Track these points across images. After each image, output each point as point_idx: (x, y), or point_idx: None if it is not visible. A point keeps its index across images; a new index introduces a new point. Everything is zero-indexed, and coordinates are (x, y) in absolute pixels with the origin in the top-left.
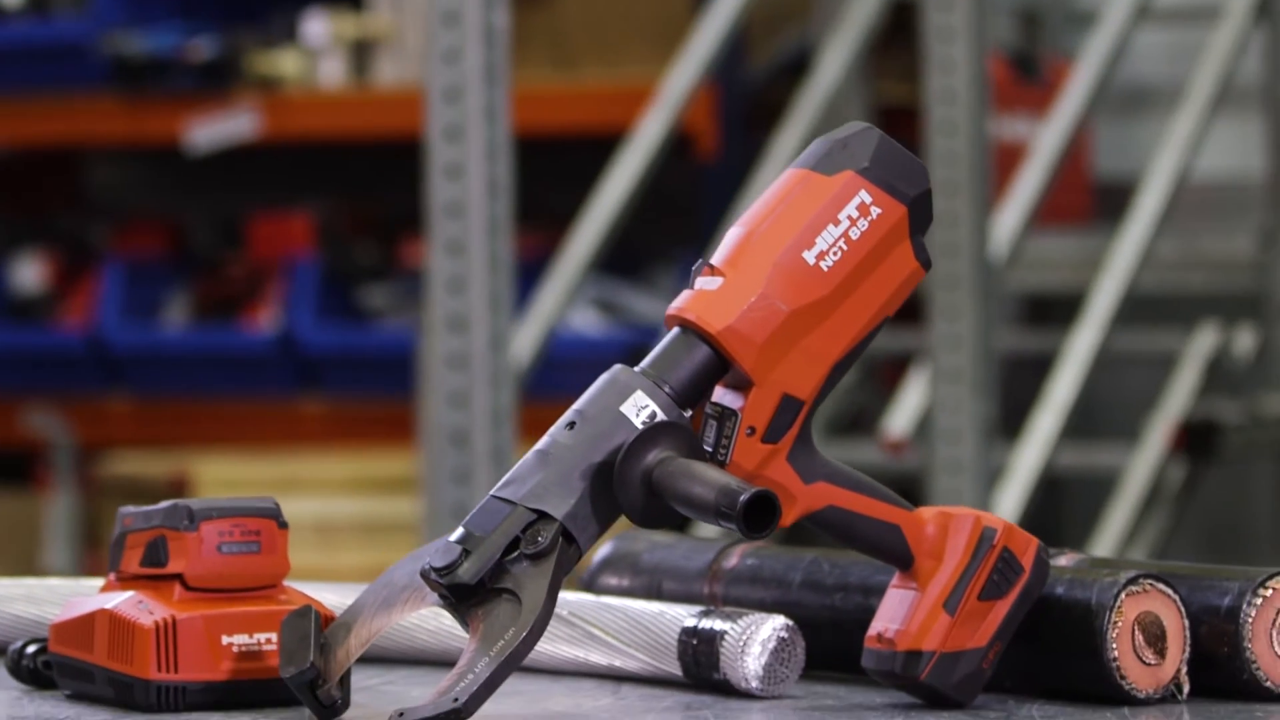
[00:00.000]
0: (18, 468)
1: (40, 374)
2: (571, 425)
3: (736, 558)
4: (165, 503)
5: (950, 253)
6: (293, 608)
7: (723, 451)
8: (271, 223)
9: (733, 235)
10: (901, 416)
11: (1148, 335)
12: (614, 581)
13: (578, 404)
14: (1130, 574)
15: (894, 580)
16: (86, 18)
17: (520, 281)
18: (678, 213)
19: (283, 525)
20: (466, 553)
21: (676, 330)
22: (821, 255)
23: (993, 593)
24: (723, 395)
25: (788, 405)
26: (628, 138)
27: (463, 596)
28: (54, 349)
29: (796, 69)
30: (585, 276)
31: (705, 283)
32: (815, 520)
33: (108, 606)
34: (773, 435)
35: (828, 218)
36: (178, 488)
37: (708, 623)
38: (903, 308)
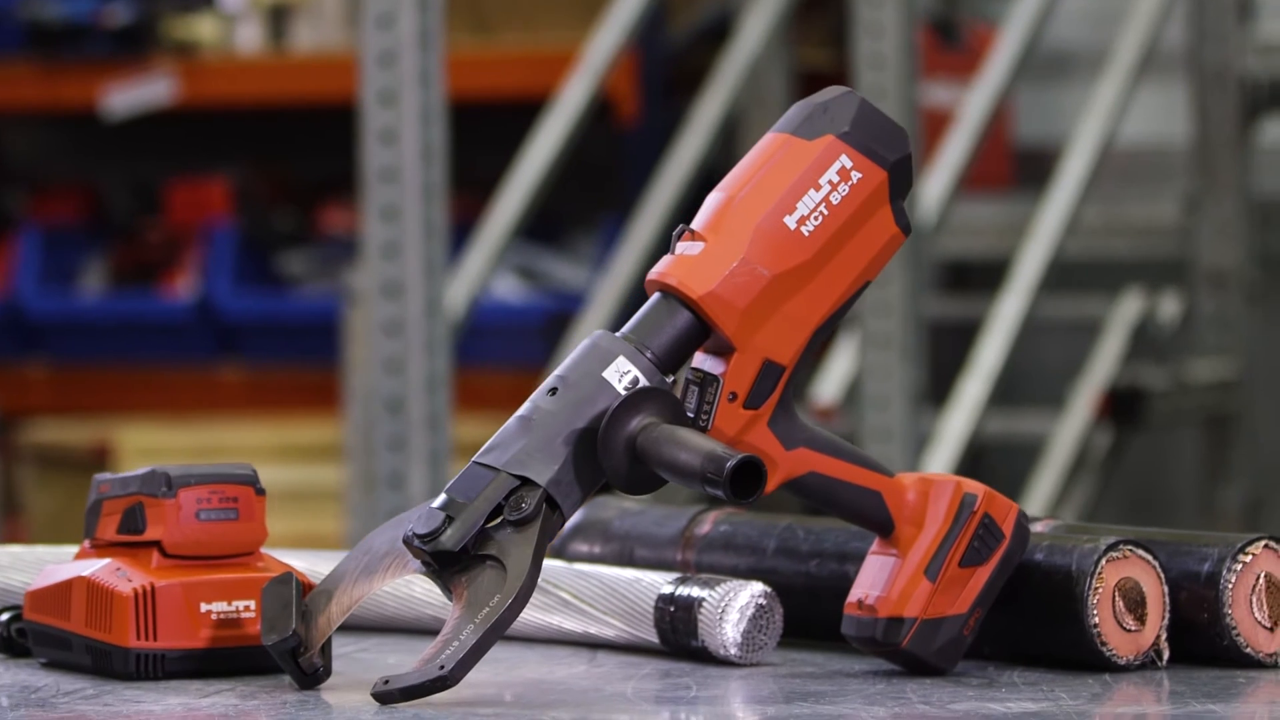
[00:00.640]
0: None
1: None
2: (553, 391)
3: (709, 524)
4: (143, 469)
5: None
6: (271, 575)
7: (704, 417)
8: (189, 189)
9: (713, 200)
10: (830, 383)
11: (1072, 302)
12: (584, 548)
13: (559, 369)
14: (1110, 540)
15: (873, 547)
16: None
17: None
18: (598, 179)
19: (260, 492)
20: (449, 519)
21: (657, 295)
22: (803, 220)
23: (974, 559)
24: (703, 361)
25: (769, 371)
26: (548, 104)
27: (446, 563)
28: None
29: (717, 34)
30: (509, 243)
31: (686, 248)
32: (796, 486)
33: (85, 574)
34: (754, 401)
35: (808, 182)
36: (99, 456)
37: (685, 590)
38: None
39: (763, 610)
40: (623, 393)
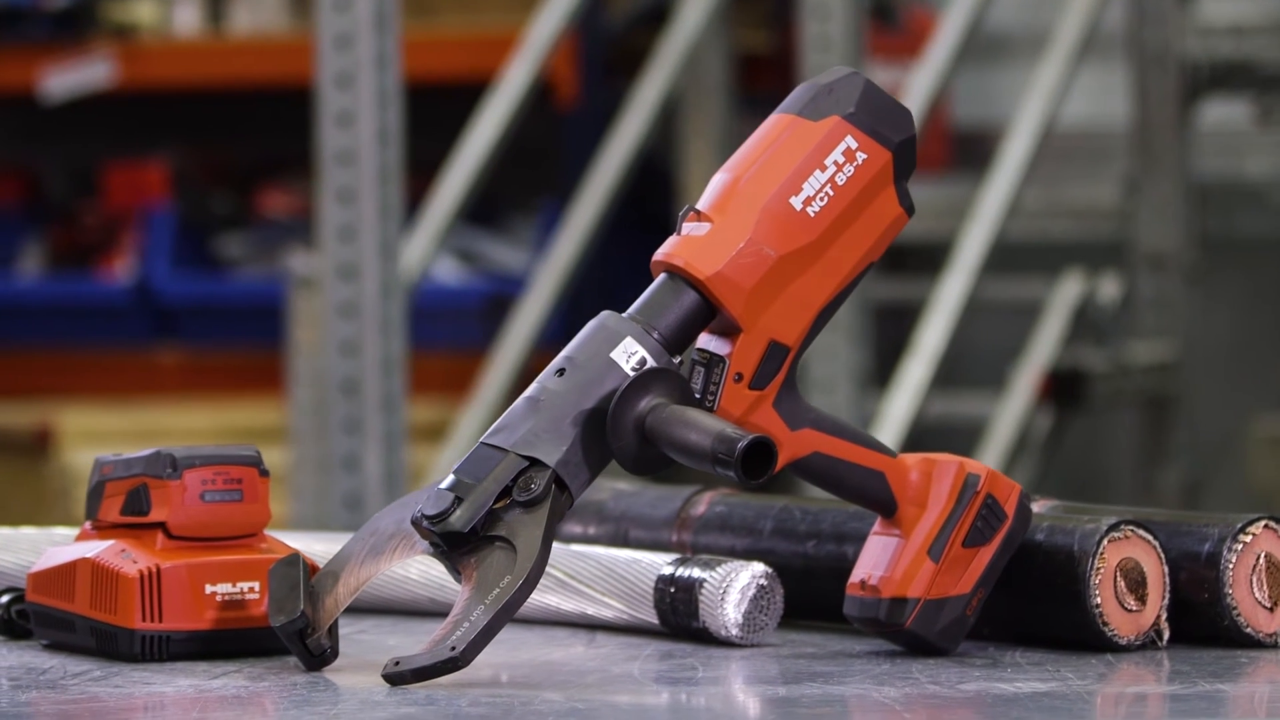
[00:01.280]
0: None
1: None
2: (561, 372)
3: (704, 505)
4: (147, 450)
5: None
6: (275, 557)
7: (710, 398)
8: (127, 172)
9: (718, 181)
10: None
11: (1012, 284)
12: (579, 529)
13: (566, 350)
14: (1112, 520)
15: (876, 527)
16: None
17: None
18: (536, 162)
19: (264, 473)
20: (458, 500)
21: (663, 276)
22: (808, 201)
23: (976, 539)
24: (709, 341)
25: (774, 351)
26: (488, 87)
27: (455, 544)
28: None
29: (655, 17)
30: (452, 225)
31: (692, 228)
32: (800, 467)
33: (89, 555)
34: (760, 381)
35: (814, 163)
36: (40, 439)
37: (685, 571)
38: None
39: (764, 591)
40: (630, 373)
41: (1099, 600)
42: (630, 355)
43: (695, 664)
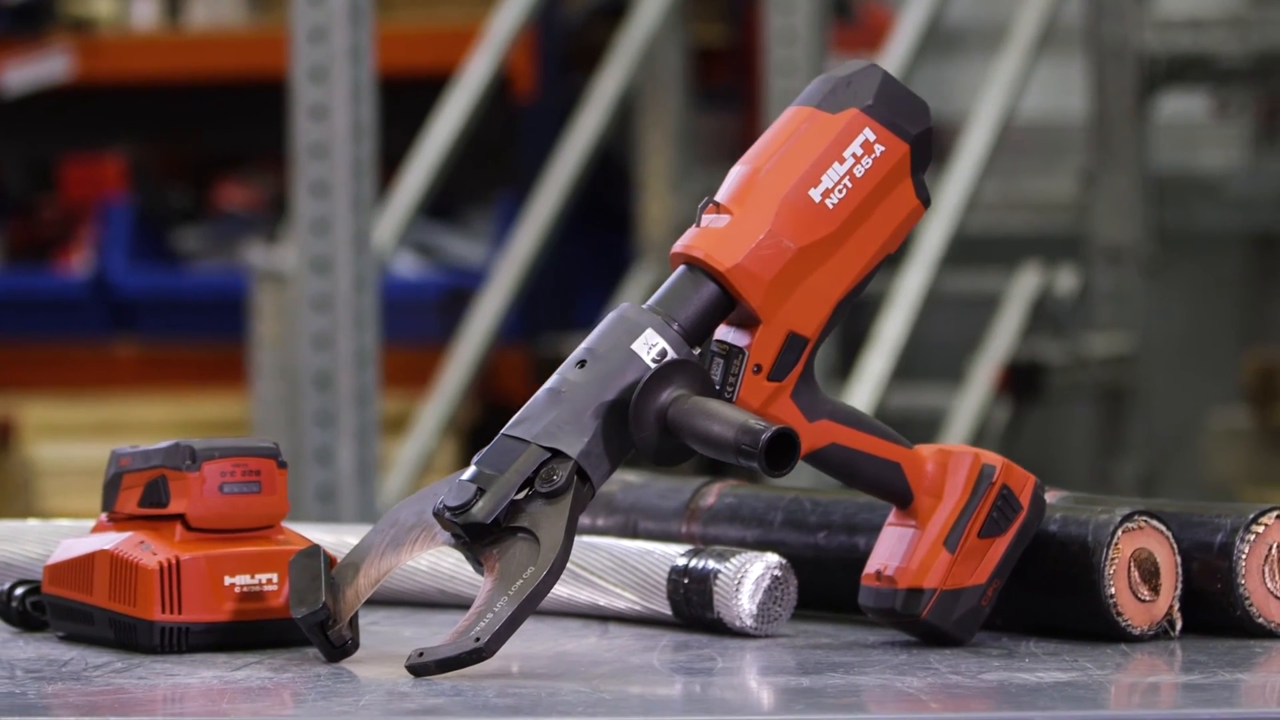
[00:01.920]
0: None
1: None
2: (582, 363)
3: (714, 497)
4: (165, 442)
5: None
6: (293, 548)
7: (729, 389)
8: (84, 165)
9: (737, 173)
10: None
11: (971, 276)
12: (588, 521)
13: (586, 342)
14: (1125, 510)
15: (891, 518)
16: None
17: None
18: (493, 155)
19: (282, 465)
20: (480, 491)
21: (683, 268)
22: (827, 193)
23: (992, 530)
24: (727, 333)
25: (793, 343)
26: (445, 81)
27: (477, 536)
28: None
29: (613, 11)
30: (414, 219)
31: (711, 220)
32: (818, 458)
33: (108, 547)
34: (778, 373)
35: (833, 155)
36: (4, 431)
37: (699, 562)
38: None
39: (778, 582)
40: (651, 365)
41: (1113, 591)
42: (651, 347)
43: (713, 654)
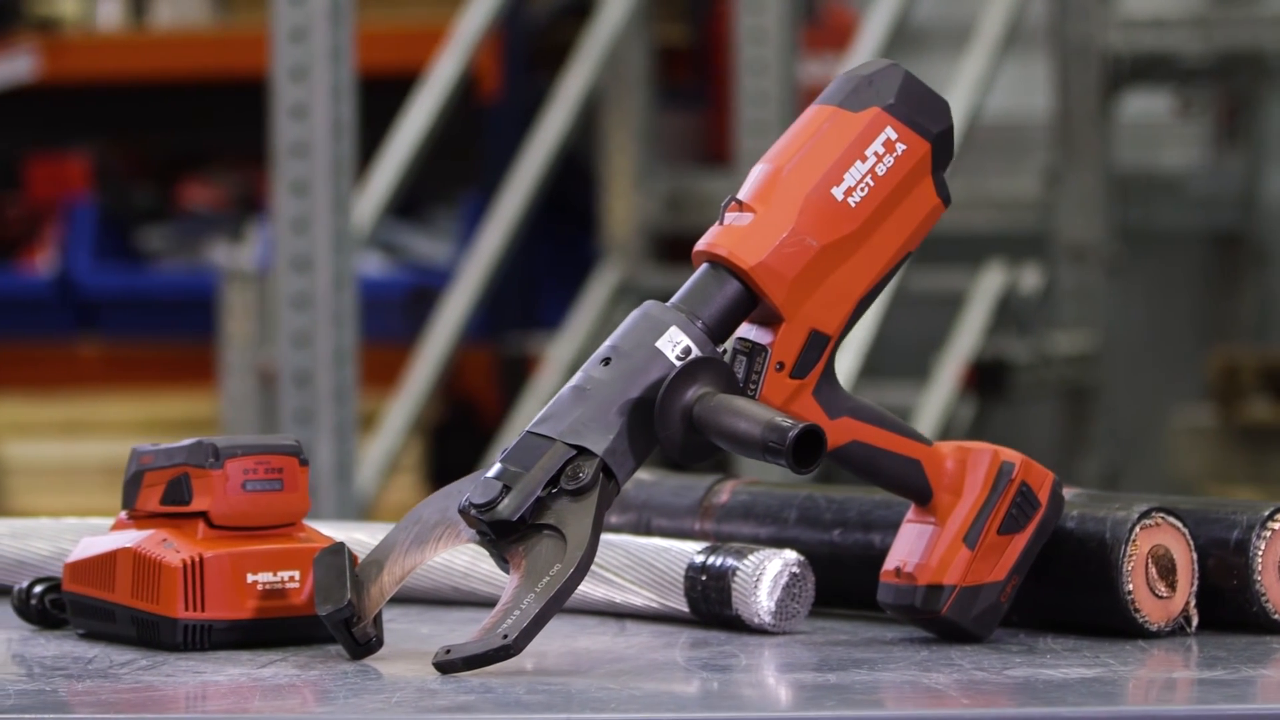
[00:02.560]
0: None
1: None
2: (607, 361)
3: (727, 494)
4: (187, 440)
5: None
6: (315, 546)
7: (752, 387)
8: (49, 165)
9: (760, 171)
10: None
11: (935, 275)
12: None
13: (611, 340)
14: (1143, 507)
15: (910, 515)
16: None
17: None
18: (458, 155)
19: (304, 463)
20: (506, 489)
21: (706, 266)
22: (849, 191)
23: (1011, 527)
24: (749, 331)
25: (815, 341)
26: (411, 80)
27: (502, 533)
28: None
29: (576, 10)
30: (382, 218)
31: (735, 218)
32: (839, 455)
33: (130, 545)
34: (801, 370)
35: (855, 154)
36: None
37: (716, 559)
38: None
39: (796, 579)
40: (675, 363)
41: (1131, 587)
42: (675, 344)
43: (733, 651)
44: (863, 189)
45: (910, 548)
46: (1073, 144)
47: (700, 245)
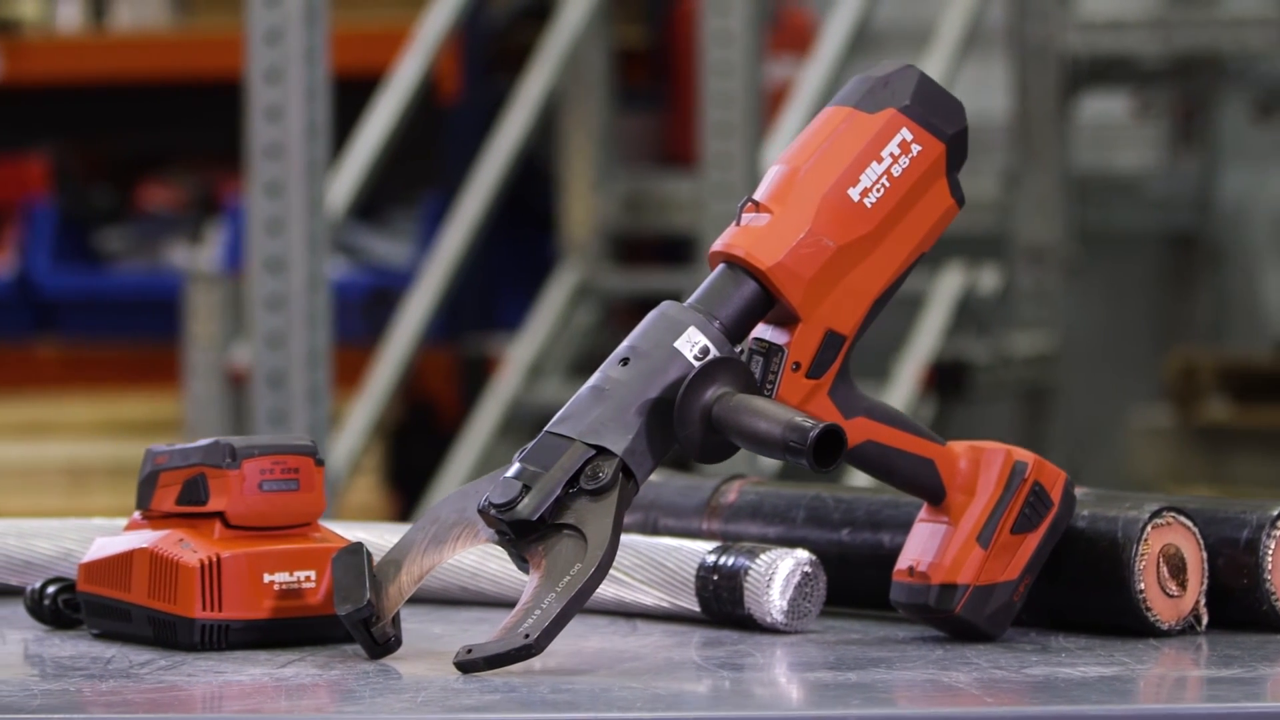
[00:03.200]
0: None
1: None
2: (625, 361)
3: (734, 493)
4: (204, 440)
5: (724, 194)
6: (331, 546)
7: (769, 387)
8: (7, 166)
9: (776, 172)
10: None
11: None
12: None
13: (629, 340)
14: (1154, 506)
15: (922, 514)
16: None
17: None
18: (417, 156)
19: (320, 463)
20: (526, 489)
21: (722, 266)
22: (865, 192)
23: (1024, 526)
24: (766, 331)
25: (831, 341)
26: (372, 82)
27: (522, 533)
28: None
29: (537, 12)
30: (345, 219)
31: (751, 219)
32: (854, 455)
33: (147, 545)
34: (817, 370)
35: (871, 155)
36: None
37: (728, 559)
38: (660, 249)
39: (808, 578)
40: (694, 363)
41: (1143, 586)
42: (694, 344)
43: (748, 650)
44: (879, 190)
45: (923, 547)
46: (1031, 145)
47: (717, 245)
